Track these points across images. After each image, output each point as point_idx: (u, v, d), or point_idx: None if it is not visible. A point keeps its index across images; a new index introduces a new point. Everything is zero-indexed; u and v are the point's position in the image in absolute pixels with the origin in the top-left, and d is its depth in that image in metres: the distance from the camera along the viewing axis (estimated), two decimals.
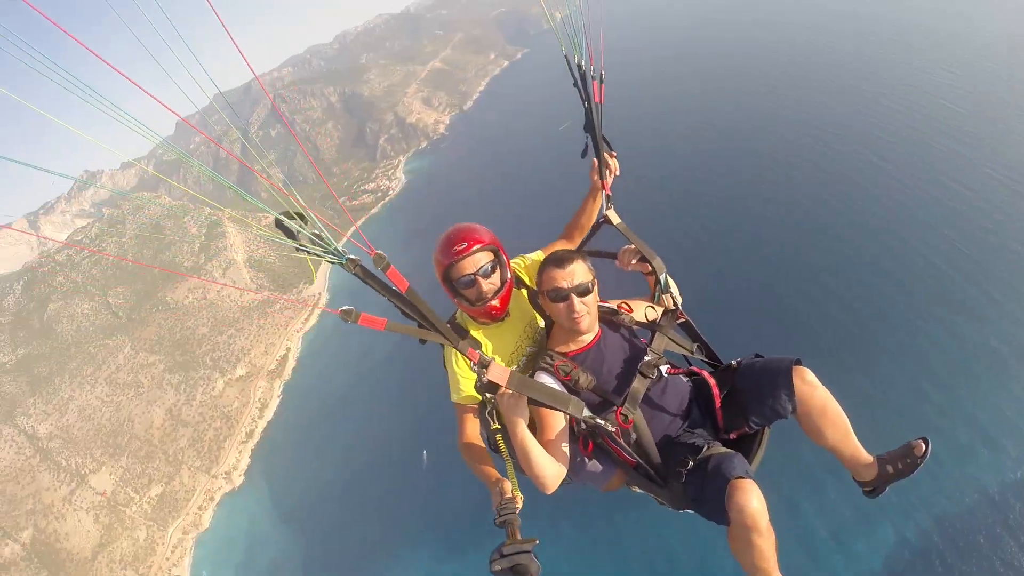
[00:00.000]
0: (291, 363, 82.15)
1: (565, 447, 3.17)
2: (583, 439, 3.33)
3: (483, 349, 3.41)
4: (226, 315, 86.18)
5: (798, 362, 3.20)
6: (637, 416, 3.14)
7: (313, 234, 2.26)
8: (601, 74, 3.66)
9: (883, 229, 59.00)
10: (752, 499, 2.63)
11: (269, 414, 78.41)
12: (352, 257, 2.33)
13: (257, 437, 76.65)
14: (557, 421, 3.18)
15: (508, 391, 2.92)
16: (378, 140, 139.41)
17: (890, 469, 3.22)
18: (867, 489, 3.36)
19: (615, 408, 3.15)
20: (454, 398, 3.51)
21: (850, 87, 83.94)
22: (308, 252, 2.26)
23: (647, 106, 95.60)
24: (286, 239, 2.23)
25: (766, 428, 3.41)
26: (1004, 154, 61.51)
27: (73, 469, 74.45)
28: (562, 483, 3.38)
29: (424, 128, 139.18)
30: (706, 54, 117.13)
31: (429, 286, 3.21)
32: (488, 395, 3.13)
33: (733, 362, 3.51)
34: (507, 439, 3.16)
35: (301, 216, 2.27)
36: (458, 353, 3.01)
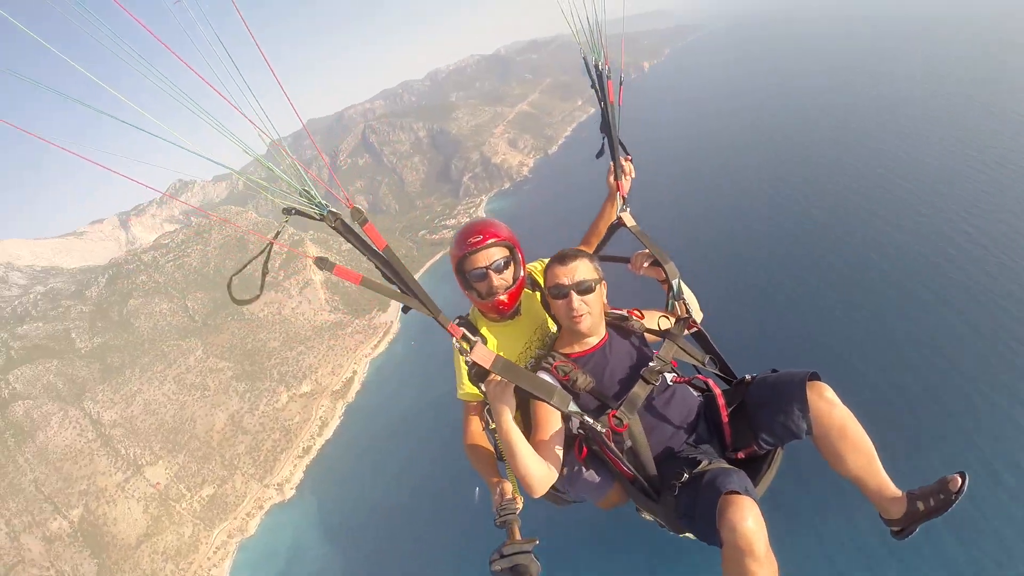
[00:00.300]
0: (356, 386, 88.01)
1: (559, 450, 3.16)
2: (578, 444, 3.30)
3: (490, 346, 3.46)
4: (298, 332, 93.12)
5: (815, 376, 3.07)
6: (633, 422, 3.09)
7: (303, 191, 2.44)
8: (620, 77, 3.86)
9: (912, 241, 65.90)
10: (747, 517, 2.46)
11: (328, 433, 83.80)
12: (333, 211, 2.48)
13: (313, 453, 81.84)
14: (551, 421, 3.17)
15: (496, 378, 3.00)
16: (462, 177, 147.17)
17: (921, 506, 2.97)
18: (895, 529, 3.12)
19: (610, 411, 3.10)
20: (458, 394, 3.67)
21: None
22: (296, 209, 2.45)
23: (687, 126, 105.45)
24: (268, 189, 2.42)
25: (779, 449, 3.27)
26: None
27: (131, 458, 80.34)
28: (560, 500, 3.61)
29: (508, 169, 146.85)
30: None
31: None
32: (480, 385, 3.18)
33: (747, 376, 3.41)
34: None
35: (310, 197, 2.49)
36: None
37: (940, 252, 63.78)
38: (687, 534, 3.09)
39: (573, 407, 2.95)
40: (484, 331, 3.67)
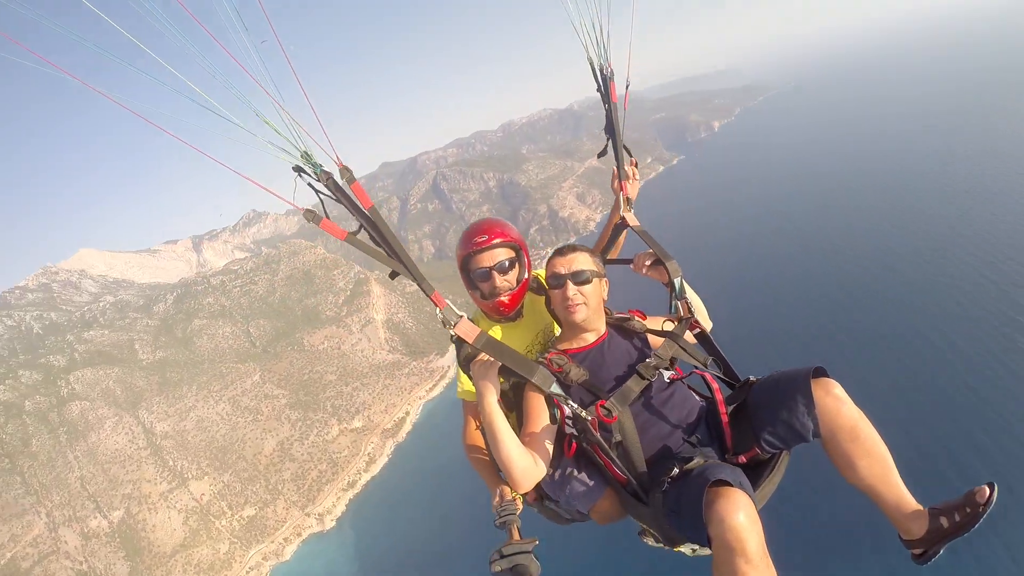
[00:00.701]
0: (407, 427, 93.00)
1: (548, 445, 3.22)
2: (567, 440, 3.33)
3: None
4: (355, 368, 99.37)
5: (822, 371, 3.02)
6: (624, 415, 3.14)
7: (304, 152, 2.60)
8: (627, 80, 3.99)
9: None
10: (737, 511, 2.39)
11: (375, 469, 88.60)
12: (326, 170, 2.68)
13: (358, 488, 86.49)
14: (542, 415, 3.23)
15: (483, 358, 3.17)
16: (529, 229, 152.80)
17: (944, 523, 2.86)
18: (916, 552, 3.01)
19: (599, 400, 3.17)
20: (458, 393, 3.87)
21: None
22: (301, 168, 2.62)
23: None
24: (276, 148, 2.57)
25: (784, 454, 3.20)
26: None
27: (178, 470, 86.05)
28: (557, 516, 3.66)
29: (575, 223, 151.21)
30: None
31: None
32: (469, 370, 3.27)
33: (751, 378, 3.44)
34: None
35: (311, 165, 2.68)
36: None
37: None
38: (681, 548, 3.00)
39: (556, 388, 3.04)
40: (485, 329, 3.68)
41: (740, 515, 2.39)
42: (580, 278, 3.46)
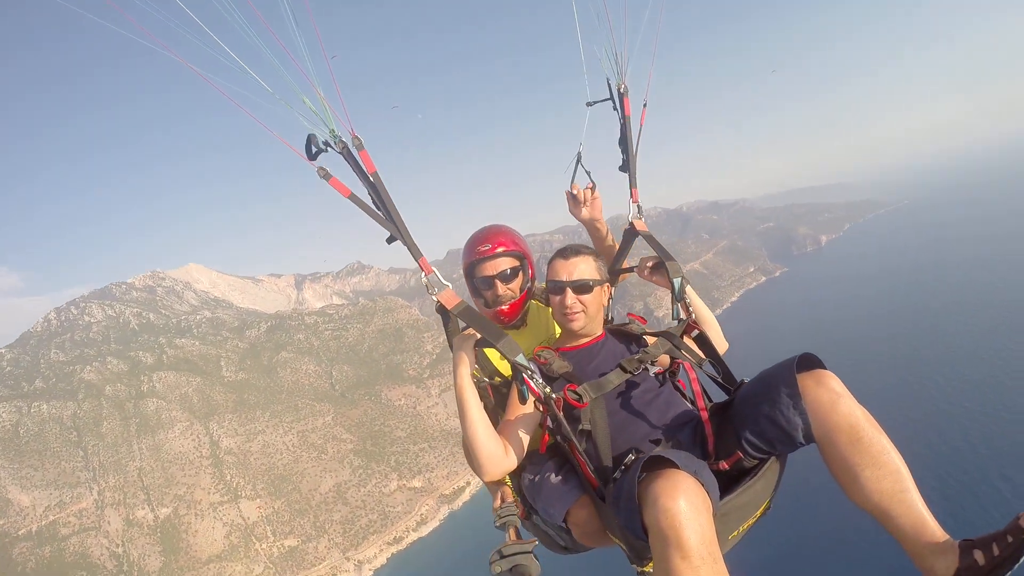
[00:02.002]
0: (466, 497, 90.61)
1: (523, 434, 3.11)
2: (543, 433, 3.11)
3: (489, 352, 3.45)
4: (426, 431, 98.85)
5: (813, 359, 2.62)
6: (595, 404, 2.99)
7: (331, 130, 2.88)
8: (645, 100, 4.04)
9: None
10: (675, 492, 2.03)
11: (424, 531, 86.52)
12: (342, 139, 2.89)
13: (403, 545, 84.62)
14: (521, 405, 3.10)
15: (468, 332, 3.18)
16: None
17: (980, 559, 2.19)
18: None
19: (569, 383, 3.02)
20: None
21: None
22: (325, 140, 2.85)
23: None
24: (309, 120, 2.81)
25: (773, 461, 2.71)
26: None
27: (233, 486, 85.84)
28: (550, 541, 3.49)
29: (669, 323, 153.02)
30: None
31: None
32: (451, 342, 3.27)
33: (744, 379, 3.08)
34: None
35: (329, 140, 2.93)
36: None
37: None
38: (649, 567, 2.56)
39: (522, 359, 2.88)
40: None
41: (679, 500, 2.01)
42: (580, 286, 3.31)
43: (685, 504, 1.98)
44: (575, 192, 4.05)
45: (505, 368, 3.39)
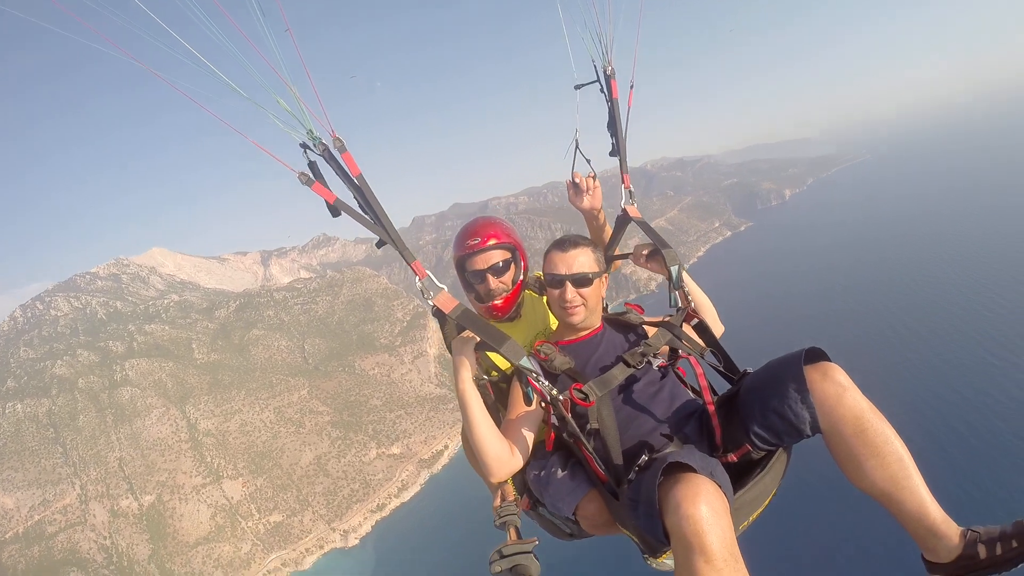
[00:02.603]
0: (445, 460, 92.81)
1: (528, 435, 3.10)
2: (548, 431, 3.13)
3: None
4: (401, 397, 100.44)
5: (819, 352, 2.67)
6: (602, 401, 2.97)
7: (309, 130, 2.73)
8: (631, 81, 3.93)
9: None
10: (697, 498, 2.08)
11: (406, 496, 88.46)
12: (323, 142, 2.76)
13: (387, 511, 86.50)
14: (523, 401, 3.11)
15: (467, 334, 3.12)
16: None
17: (982, 553, 2.34)
18: (935, 565, 2.51)
19: (575, 383, 3.00)
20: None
21: None
22: (306, 143, 2.74)
23: None
24: (285, 124, 2.69)
25: (781, 452, 2.79)
26: None
27: (214, 468, 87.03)
28: (555, 528, 3.44)
29: (636, 281, 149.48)
30: None
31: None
32: (450, 346, 3.24)
33: (748, 369, 3.12)
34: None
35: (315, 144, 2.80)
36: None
37: None
38: (665, 559, 2.55)
39: (526, 362, 2.87)
40: None
41: (701, 506, 2.06)
42: (580, 279, 3.27)
43: (707, 510, 2.04)
44: (577, 181, 4.03)
45: (502, 362, 3.42)
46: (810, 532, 47.71)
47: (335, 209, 2.86)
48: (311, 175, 2.80)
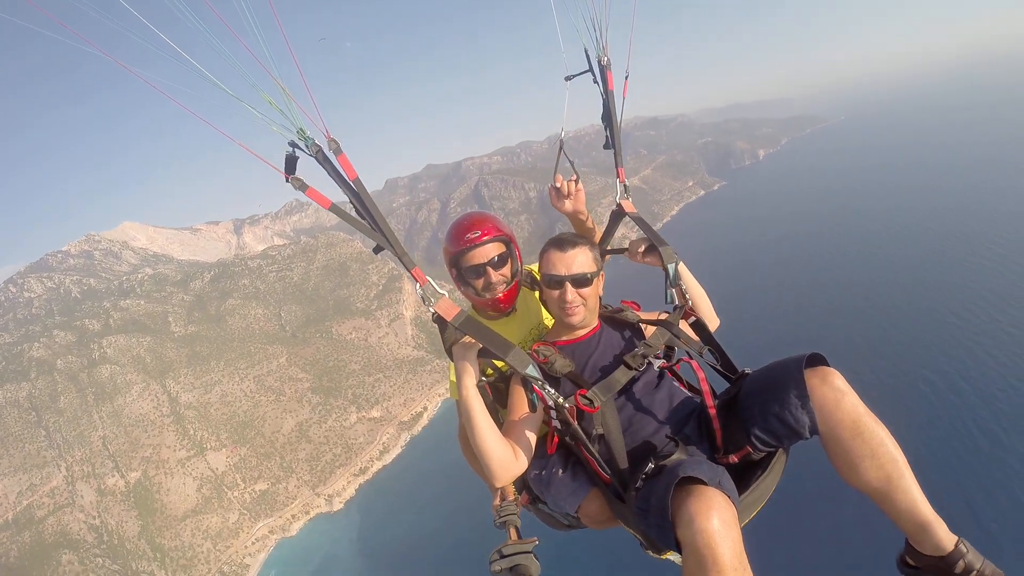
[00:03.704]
0: (424, 421, 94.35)
1: (531, 437, 3.08)
2: (550, 435, 3.11)
3: None
4: (380, 361, 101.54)
5: (819, 358, 2.71)
6: (607, 406, 2.99)
7: (299, 129, 2.60)
8: (626, 71, 3.84)
9: None
10: (709, 514, 2.10)
11: (388, 459, 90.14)
12: (316, 143, 2.64)
13: (370, 475, 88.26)
14: (524, 404, 3.08)
15: (467, 340, 2.99)
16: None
17: (960, 567, 2.49)
18: (911, 563, 2.68)
19: (580, 389, 3.01)
20: (450, 392, 3.55)
21: None
22: (295, 143, 2.62)
23: None
24: (274, 123, 2.54)
25: (781, 453, 2.86)
26: None
27: (197, 440, 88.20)
28: (554, 520, 3.51)
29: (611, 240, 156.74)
30: None
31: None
32: (451, 352, 3.13)
33: (747, 370, 3.14)
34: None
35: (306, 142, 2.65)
36: None
37: None
38: (669, 555, 2.65)
39: (532, 371, 2.82)
40: None
41: (713, 519, 2.09)
42: (579, 280, 3.24)
43: (719, 523, 2.08)
44: (559, 185, 3.95)
45: (500, 362, 3.23)
46: (800, 526, 48.22)
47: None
48: (303, 180, 2.71)
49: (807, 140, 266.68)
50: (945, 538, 2.52)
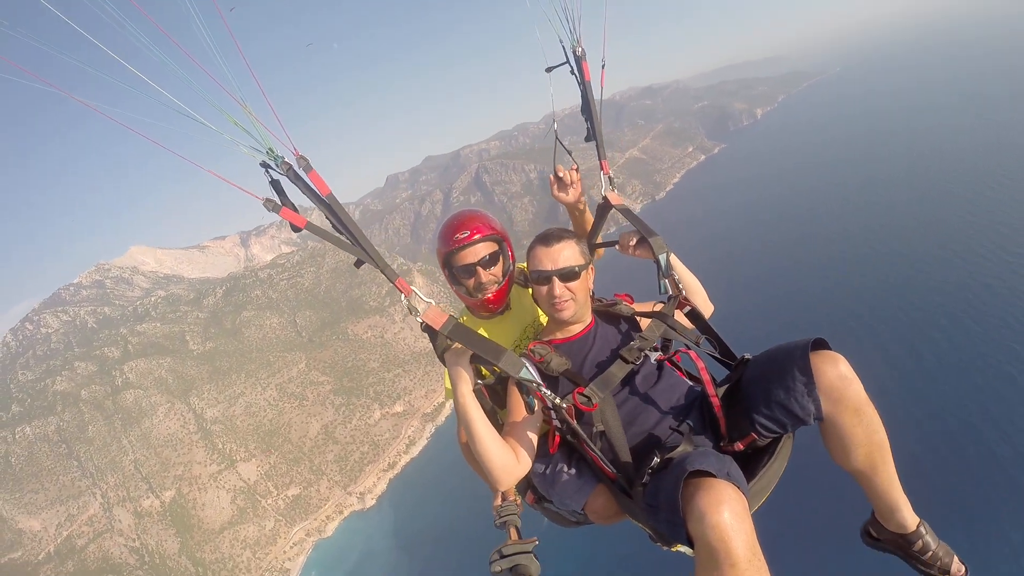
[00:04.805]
0: (447, 411, 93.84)
1: (532, 438, 3.03)
2: (551, 434, 3.06)
3: None
4: (397, 356, 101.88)
5: (822, 343, 2.66)
6: (605, 402, 2.92)
7: (268, 149, 2.53)
8: (602, 60, 3.73)
9: None
10: (720, 507, 2.03)
11: (415, 451, 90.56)
12: (287, 161, 2.57)
13: (398, 469, 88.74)
14: (523, 406, 3.00)
15: (457, 346, 2.94)
16: (569, 220, 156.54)
17: (919, 547, 2.77)
18: (874, 534, 2.96)
19: (577, 387, 2.95)
20: (445, 393, 3.56)
21: None
22: (267, 163, 2.54)
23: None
24: (243, 144, 2.47)
25: (786, 438, 2.83)
26: None
27: (227, 453, 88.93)
28: (560, 518, 3.46)
29: (614, 215, 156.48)
30: None
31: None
32: (443, 358, 3.06)
33: (747, 355, 3.05)
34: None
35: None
36: None
37: None
38: (679, 547, 2.59)
39: (526, 373, 2.75)
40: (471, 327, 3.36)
41: (724, 512, 2.01)
42: (567, 274, 3.18)
43: (730, 516, 2.01)
44: (561, 175, 3.94)
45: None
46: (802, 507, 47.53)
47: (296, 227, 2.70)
48: (278, 200, 2.64)
49: (804, 95, 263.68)
50: (909, 518, 2.76)
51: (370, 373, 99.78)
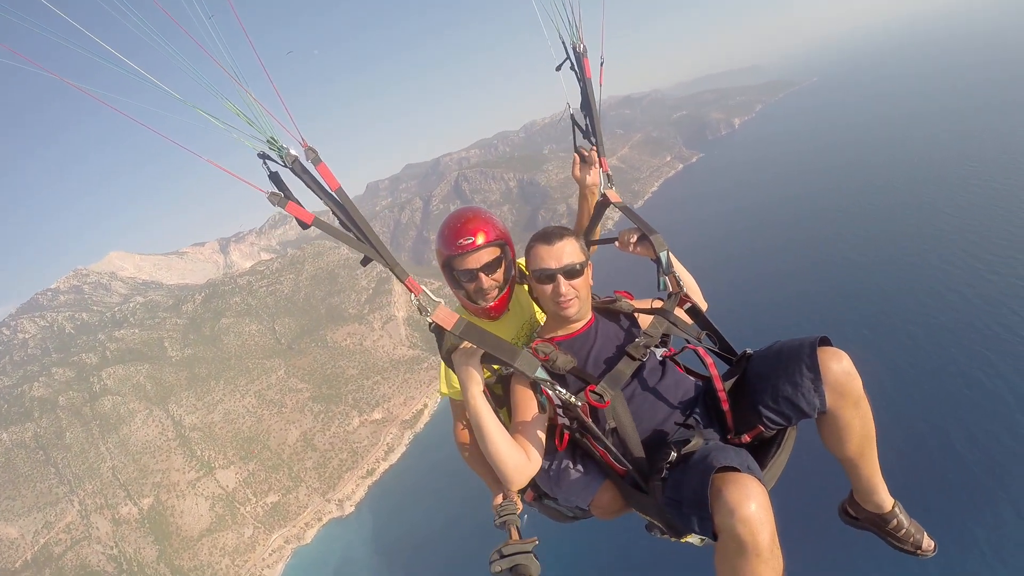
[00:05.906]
0: (425, 418, 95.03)
1: (540, 437, 3.04)
2: (558, 432, 3.08)
3: None
4: (376, 363, 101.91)
5: (827, 340, 2.81)
6: (616, 399, 2.97)
7: (270, 138, 2.47)
8: (601, 57, 3.77)
9: None
10: (748, 500, 2.16)
11: (393, 458, 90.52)
12: (292, 153, 2.50)
13: (377, 476, 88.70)
14: (530, 405, 3.05)
15: (466, 346, 2.95)
16: (552, 219, 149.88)
17: (894, 525, 3.07)
18: (853, 515, 3.21)
19: (589, 385, 2.99)
20: (441, 391, 3.66)
21: None
22: (266, 155, 2.50)
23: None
24: (241, 134, 2.40)
25: (791, 430, 2.98)
26: None
27: (205, 460, 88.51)
28: (558, 514, 3.49)
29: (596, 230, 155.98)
30: None
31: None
32: (451, 360, 3.08)
33: (748, 350, 3.18)
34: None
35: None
36: None
37: None
38: (689, 539, 2.77)
39: (541, 373, 2.76)
40: None
41: (752, 504, 2.15)
42: (571, 271, 3.19)
43: (757, 509, 2.16)
44: (586, 154, 3.99)
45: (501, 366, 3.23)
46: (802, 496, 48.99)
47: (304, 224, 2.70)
48: (283, 194, 2.61)
49: (782, 104, 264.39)
50: (886, 499, 3.04)
51: (349, 380, 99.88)
